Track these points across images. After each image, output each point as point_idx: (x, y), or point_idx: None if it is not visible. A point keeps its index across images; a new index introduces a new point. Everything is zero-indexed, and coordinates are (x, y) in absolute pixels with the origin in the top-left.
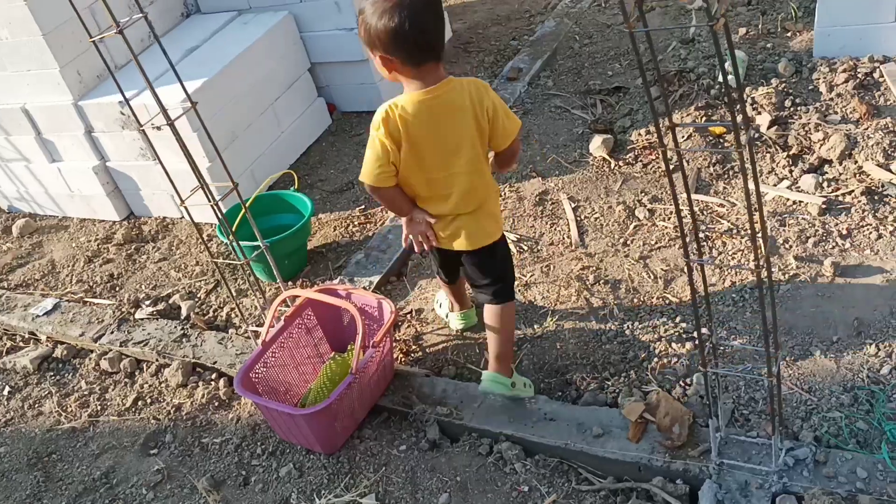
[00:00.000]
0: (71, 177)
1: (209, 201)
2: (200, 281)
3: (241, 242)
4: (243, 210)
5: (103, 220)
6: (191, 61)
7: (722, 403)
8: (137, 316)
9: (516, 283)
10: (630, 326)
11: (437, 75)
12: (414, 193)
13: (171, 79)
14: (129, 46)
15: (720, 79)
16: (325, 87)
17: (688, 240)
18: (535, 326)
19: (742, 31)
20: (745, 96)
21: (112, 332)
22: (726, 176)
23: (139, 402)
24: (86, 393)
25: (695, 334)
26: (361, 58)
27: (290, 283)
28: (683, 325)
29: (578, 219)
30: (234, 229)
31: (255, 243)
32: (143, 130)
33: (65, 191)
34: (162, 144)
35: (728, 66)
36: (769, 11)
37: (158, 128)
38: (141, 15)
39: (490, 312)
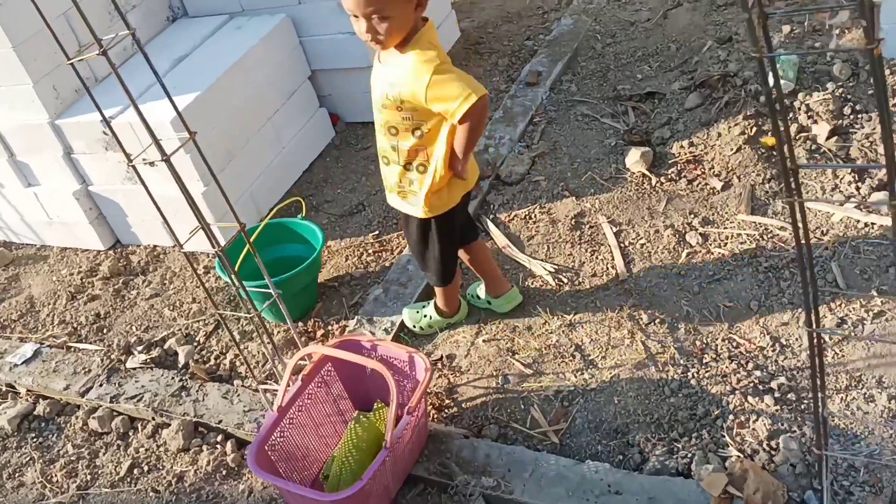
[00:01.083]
0: (49, 202)
1: (213, 247)
2: (198, 321)
3: (246, 285)
4: (247, 246)
5: (86, 250)
6: (180, 72)
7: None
8: (129, 365)
9: (560, 321)
10: (696, 375)
11: None
12: None
13: (159, 92)
14: (112, 66)
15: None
16: (327, 97)
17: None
18: (587, 376)
19: (786, 28)
20: (798, 103)
21: (101, 385)
22: (784, 193)
23: (135, 471)
24: (73, 458)
25: (773, 385)
26: (367, 64)
27: (299, 323)
28: (758, 373)
29: (622, 245)
30: (237, 268)
31: (261, 283)
32: (133, 166)
33: (43, 217)
34: (149, 169)
35: (780, 68)
36: (811, 6)
37: (152, 164)
38: (127, 33)
39: (481, 247)
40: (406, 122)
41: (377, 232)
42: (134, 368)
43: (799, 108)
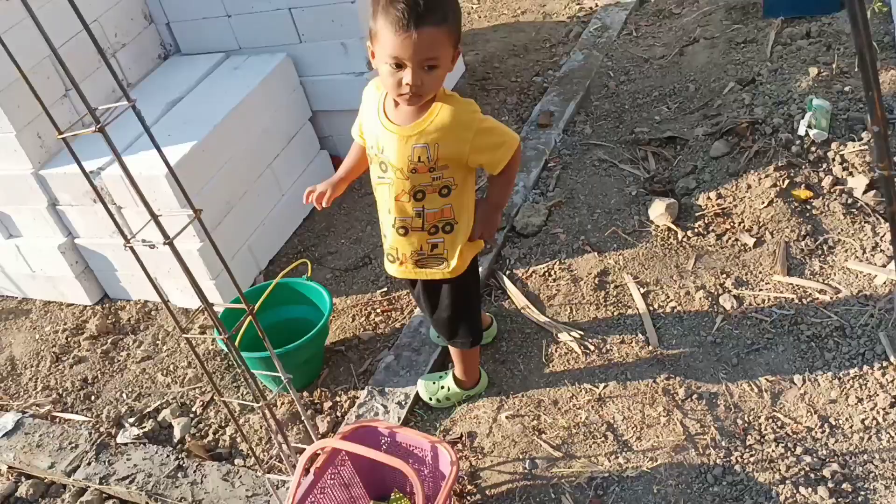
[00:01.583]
0: (32, 255)
1: (218, 333)
2: (195, 388)
3: (249, 357)
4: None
5: (72, 305)
6: (174, 119)
7: None
8: (119, 440)
9: (588, 395)
10: (740, 459)
11: None
12: None
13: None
14: (109, 144)
15: (801, 132)
16: (328, 138)
17: None
18: (622, 460)
19: (813, 71)
20: (832, 153)
21: (89, 464)
22: (820, 251)
23: None
24: None
25: (825, 472)
26: None
27: (304, 393)
28: (808, 459)
29: (651, 308)
30: (239, 338)
31: (266, 354)
32: (131, 247)
33: (25, 270)
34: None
35: (811, 117)
36: (834, 45)
37: (152, 246)
38: (127, 105)
39: None
40: (436, 183)
41: (385, 288)
42: (125, 444)
43: (833, 160)
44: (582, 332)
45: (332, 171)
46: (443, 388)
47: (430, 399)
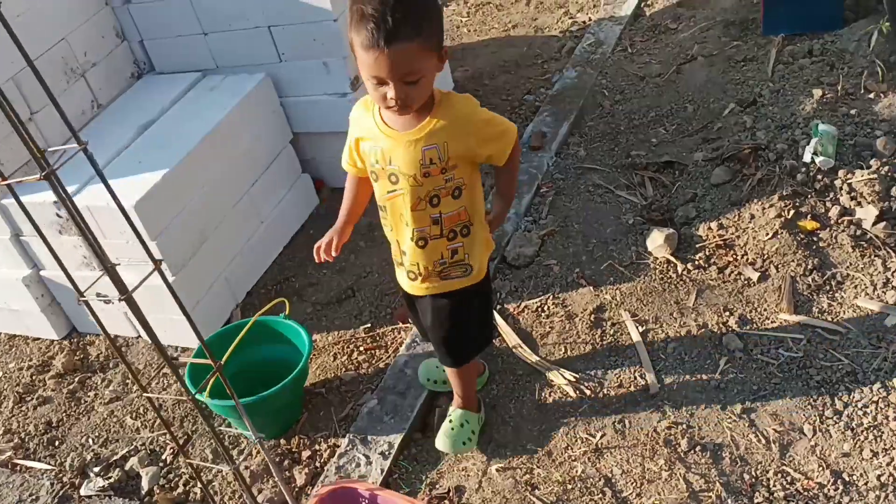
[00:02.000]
0: None
1: (186, 394)
2: (165, 434)
3: (218, 404)
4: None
5: (39, 339)
6: (146, 143)
7: None
8: (83, 491)
9: (584, 446)
10: None
11: None
12: None
13: (126, 165)
14: (60, 192)
15: (807, 158)
16: (310, 160)
17: None
18: None
19: (817, 92)
20: (840, 182)
21: None
22: (828, 287)
23: None
24: None
25: None
26: None
27: (280, 440)
28: None
29: (650, 348)
30: (209, 384)
31: (241, 401)
32: (85, 302)
33: None
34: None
35: (817, 143)
36: (838, 65)
37: (107, 301)
38: (78, 148)
39: None
40: (448, 185)
41: (369, 324)
42: (89, 497)
43: (840, 188)
44: (577, 375)
45: (314, 196)
46: (473, 432)
47: (464, 444)
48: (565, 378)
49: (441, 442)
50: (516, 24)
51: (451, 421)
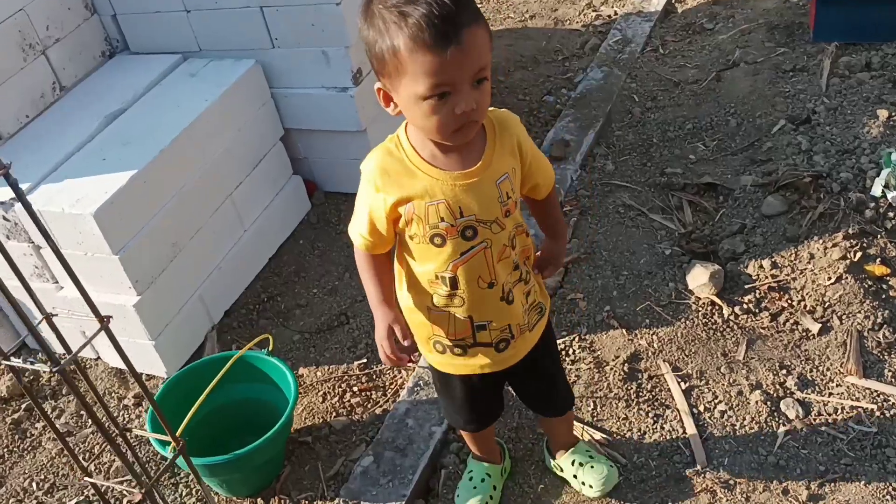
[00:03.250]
0: None
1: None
2: (124, 481)
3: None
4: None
5: None
6: (112, 137)
7: None
8: None
9: None
10: None
11: None
12: None
13: (89, 161)
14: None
15: (876, 192)
16: (302, 160)
17: None
18: None
19: (882, 114)
20: None
21: None
22: None
23: None
24: None
25: None
26: (356, 128)
27: (257, 500)
28: None
29: (695, 410)
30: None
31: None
32: (10, 366)
33: None
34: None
35: (889, 175)
36: None
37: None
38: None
39: None
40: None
41: (364, 359)
42: None
43: None
44: (609, 437)
45: (305, 200)
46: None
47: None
48: (595, 439)
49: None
50: (534, 15)
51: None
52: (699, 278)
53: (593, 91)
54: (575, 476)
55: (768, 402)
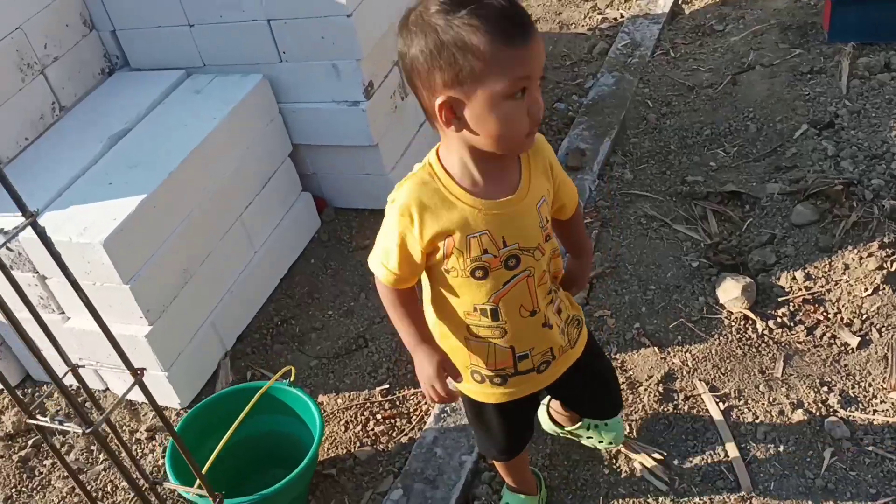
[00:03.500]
0: None
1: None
2: None
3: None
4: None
5: None
6: (117, 159)
7: None
8: None
9: None
10: None
11: None
12: None
13: (94, 186)
14: None
15: None
16: (310, 175)
17: None
18: None
19: None
20: None
21: None
22: None
23: None
24: None
25: None
26: (368, 142)
27: None
28: None
29: (736, 432)
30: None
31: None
32: (37, 425)
33: None
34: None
35: None
36: None
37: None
38: (24, 223)
39: None
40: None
41: (387, 384)
42: None
43: None
44: (663, 455)
45: (315, 217)
46: None
47: None
48: (652, 458)
49: None
50: (538, 18)
51: None
52: (731, 292)
53: (606, 97)
54: (590, 437)
55: (811, 422)
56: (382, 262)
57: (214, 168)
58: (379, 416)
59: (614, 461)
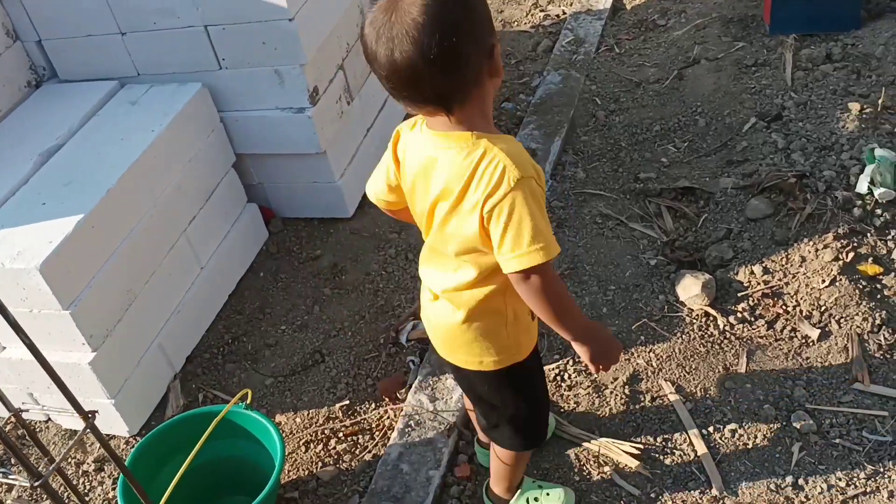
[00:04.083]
0: None
1: None
2: None
3: None
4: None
5: None
6: (50, 177)
7: None
8: None
9: None
10: None
11: (439, 119)
12: None
13: (19, 213)
14: None
15: (862, 189)
16: (256, 186)
17: None
18: None
19: (854, 107)
20: None
21: None
22: None
23: None
24: None
25: None
26: (317, 150)
27: None
28: None
29: (704, 432)
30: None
31: None
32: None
33: None
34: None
35: (874, 171)
36: (864, 72)
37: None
38: None
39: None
40: None
41: (347, 401)
42: None
43: None
44: (640, 447)
45: (262, 229)
46: None
47: None
48: (627, 453)
49: None
50: None
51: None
52: (691, 289)
53: (553, 95)
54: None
55: (778, 417)
56: (549, 241)
57: (155, 183)
58: (340, 434)
59: (584, 468)
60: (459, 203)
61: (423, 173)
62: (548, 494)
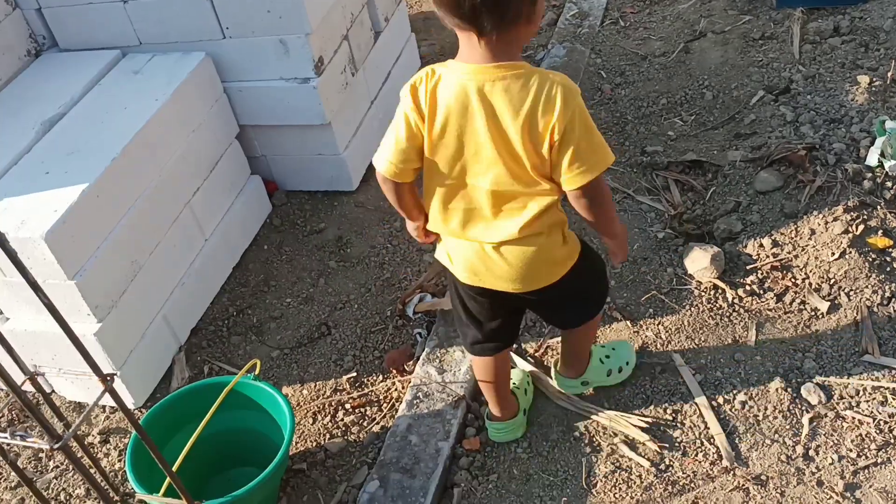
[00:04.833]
0: None
1: None
2: None
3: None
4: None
5: None
6: (53, 147)
7: None
8: None
9: None
10: None
11: (476, 52)
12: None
13: (34, 170)
14: None
15: (872, 161)
16: (259, 158)
17: None
18: None
19: (863, 80)
20: None
21: None
22: None
23: None
24: None
25: None
26: (322, 121)
27: None
28: None
29: (714, 403)
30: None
31: None
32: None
33: None
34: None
35: (885, 143)
36: (872, 45)
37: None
38: None
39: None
40: None
41: (354, 373)
42: None
43: None
44: (648, 421)
45: (266, 202)
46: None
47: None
48: (635, 426)
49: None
50: None
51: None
52: (699, 262)
53: (558, 69)
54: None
55: (788, 389)
56: (608, 149)
57: (159, 153)
58: (348, 406)
59: (594, 440)
60: (526, 129)
61: (463, 111)
62: (613, 349)
